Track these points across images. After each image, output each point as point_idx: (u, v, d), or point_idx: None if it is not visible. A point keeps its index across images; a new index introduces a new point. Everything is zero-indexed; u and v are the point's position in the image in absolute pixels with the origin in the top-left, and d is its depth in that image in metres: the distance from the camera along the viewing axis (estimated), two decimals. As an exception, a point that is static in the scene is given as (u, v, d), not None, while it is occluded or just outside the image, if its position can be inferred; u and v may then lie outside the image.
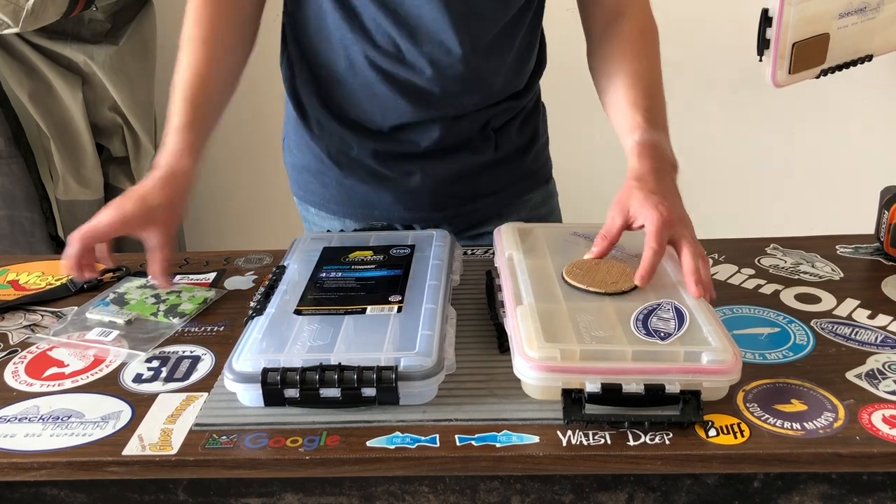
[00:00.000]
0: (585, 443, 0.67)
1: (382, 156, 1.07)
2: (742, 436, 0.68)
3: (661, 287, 0.82)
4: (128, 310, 0.92)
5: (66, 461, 0.68)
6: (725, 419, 0.70)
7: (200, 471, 0.68)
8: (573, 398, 0.69)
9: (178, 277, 1.02)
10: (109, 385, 0.79)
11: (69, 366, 0.82)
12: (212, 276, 1.02)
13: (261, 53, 1.03)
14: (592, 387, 0.68)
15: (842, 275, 0.96)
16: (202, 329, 0.89)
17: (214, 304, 0.95)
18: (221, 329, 0.89)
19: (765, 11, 1.66)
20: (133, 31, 1.81)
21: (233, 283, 1.00)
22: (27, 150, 1.86)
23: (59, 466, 0.68)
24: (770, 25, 1.66)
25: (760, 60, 1.71)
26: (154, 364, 0.82)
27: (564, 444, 0.67)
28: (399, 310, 0.81)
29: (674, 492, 0.70)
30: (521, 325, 0.74)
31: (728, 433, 0.68)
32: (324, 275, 0.90)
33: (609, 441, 0.68)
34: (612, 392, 0.68)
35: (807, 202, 2.17)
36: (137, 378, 0.80)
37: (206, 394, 0.76)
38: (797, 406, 0.71)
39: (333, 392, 0.71)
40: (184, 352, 0.84)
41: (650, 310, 0.77)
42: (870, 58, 1.80)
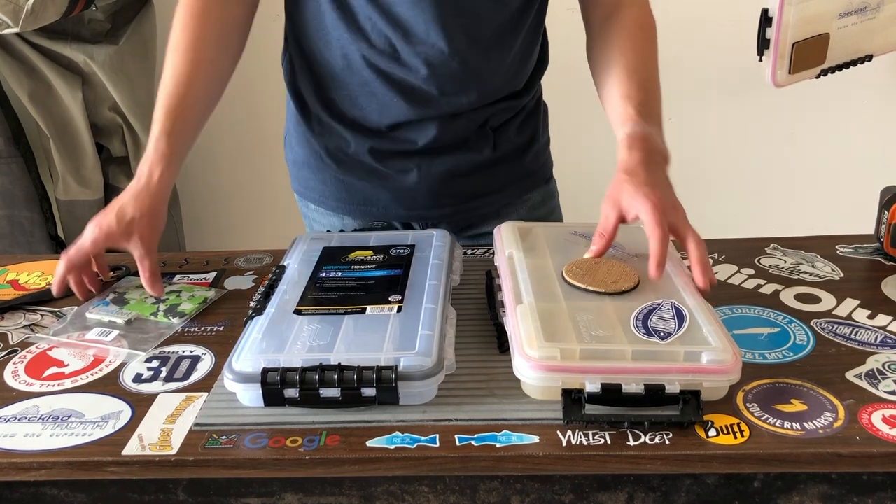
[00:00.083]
0: (585, 443, 0.67)
1: (380, 153, 1.07)
2: (742, 436, 0.68)
3: (661, 287, 0.82)
4: (128, 310, 0.92)
5: (66, 461, 0.68)
6: (725, 419, 0.70)
7: (200, 471, 0.68)
8: (573, 398, 0.69)
9: (178, 277, 1.02)
10: (109, 385, 0.79)
11: (69, 366, 0.82)
12: (212, 276, 1.02)
13: (260, 54, 1.03)
14: (592, 387, 0.68)
15: (842, 275, 0.96)
16: (202, 329, 0.89)
17: (214, 304, 0.95)
18: (221, 329, 0.89)
19: (765, 11, 1.66)
20: (133, 31, 1.81)
21: (233, 283, 1.00)
22: (27, 150, 1.86)
23: (59, 466, 0.68)
24: (770, 25, 1.66)
25: (760, 60, 1.71)
26: (154, 364, 0.82)
27: (564, 444, 0.67)
28: (399, 310, 0.81)
29: (674, 492, 0.70)
30: (521, 325, 0.74)
31: (728, 433, 0.68)
32: (324, 275, 0.89)
33: (609, 441, 0.68)
34: (612, 392, 0.68)
35: (807, 202, 2.17)
36: (137, 378, 0.80)
37: (206, 394, 0.76)
38: (797, 406, 0.71)
39: (333, 392, 0.71)
40: (184, 352, 0.84)
41: (650, 309, 0.77)
42: (870, 58, 1.80)
